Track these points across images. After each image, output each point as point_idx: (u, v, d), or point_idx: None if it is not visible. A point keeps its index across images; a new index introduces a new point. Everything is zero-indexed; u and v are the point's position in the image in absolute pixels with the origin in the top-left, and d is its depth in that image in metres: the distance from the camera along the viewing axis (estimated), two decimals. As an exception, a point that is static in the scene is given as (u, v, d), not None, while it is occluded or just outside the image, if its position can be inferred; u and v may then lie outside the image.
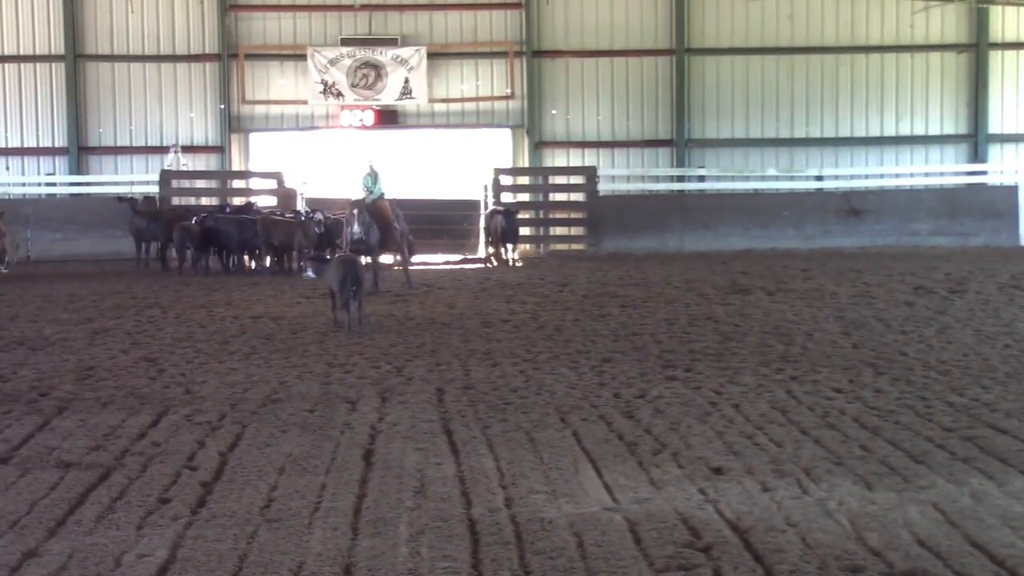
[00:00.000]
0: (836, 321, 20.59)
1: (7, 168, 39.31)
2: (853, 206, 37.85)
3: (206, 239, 30.61)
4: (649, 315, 21.70)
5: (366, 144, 40.01)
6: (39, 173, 39.26)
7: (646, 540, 8.93)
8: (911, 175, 40.15)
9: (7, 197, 38.40)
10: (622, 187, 39.48)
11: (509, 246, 34.05)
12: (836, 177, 39.73)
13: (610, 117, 39.95)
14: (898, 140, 40.29)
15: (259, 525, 9.37)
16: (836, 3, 40.03)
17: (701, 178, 39.77)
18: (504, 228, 33.69)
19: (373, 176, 29.14)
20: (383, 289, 25.64)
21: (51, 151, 39.33)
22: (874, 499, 9.94)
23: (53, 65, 39.13)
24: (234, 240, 30.65)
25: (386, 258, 28.54)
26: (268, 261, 30.48)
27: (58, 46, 39.04)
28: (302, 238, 29.88)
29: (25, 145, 39.30)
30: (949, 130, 40.33)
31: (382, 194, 28.45)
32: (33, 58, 39.16)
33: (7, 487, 10.46)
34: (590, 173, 37.73)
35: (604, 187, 38.25)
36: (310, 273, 21.62)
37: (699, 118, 40.00)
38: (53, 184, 39.19)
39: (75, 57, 38.99)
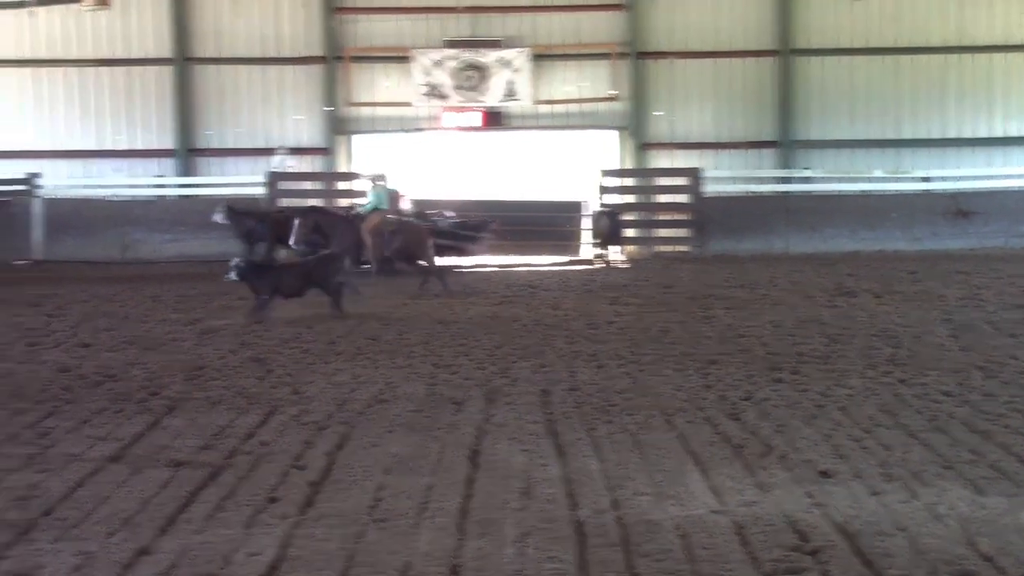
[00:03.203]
0: (944, 324, 20.37)
1: (116, 170, 39.78)
2: (961, 208, 37.41)
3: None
4: (755, 317, 21.60)
5: (470, 146, 40.20)
6: (148, 175, 39.70)
7: (753, 543, 8.90)
8: (1021, 176, 39.63)
9: (116, 199, 38.88)
10: (727, 188, 39.26)
11: (613, 247, 33.99)
12: (944, 178, 39.30)
13: (715, 118, 39.80)
14: (1007, 141, 39.81)
15: (366, 525, 9.42)
16: (943, 3, 39.64)
17: (807, 179, 39.49)
18: (608, 229, 33.66)
19: (383, 192, 29.36)
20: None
21: (160, 153, 39.77)
22: (984, 504, 9.83)
23: (162, 68, 39.57)
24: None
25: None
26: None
27: (167, 49, 39.47)
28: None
29: (134, 147, 39.78)
30: (1060, 130, 39.85)
31: (374, 207, 28.85)
32: (143, 61, 39.63)
33: (119, 485, 10.59)
34: (695, 174, 37.56)
35: (709, 188, 38.06)
36: (233, 276, 22.05)
37: (804, 119, 39.73)
38: (162, 186, 39.61)
39: (183, 60, 39.42)
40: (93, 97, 39.78)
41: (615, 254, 34.22)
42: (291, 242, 28.54)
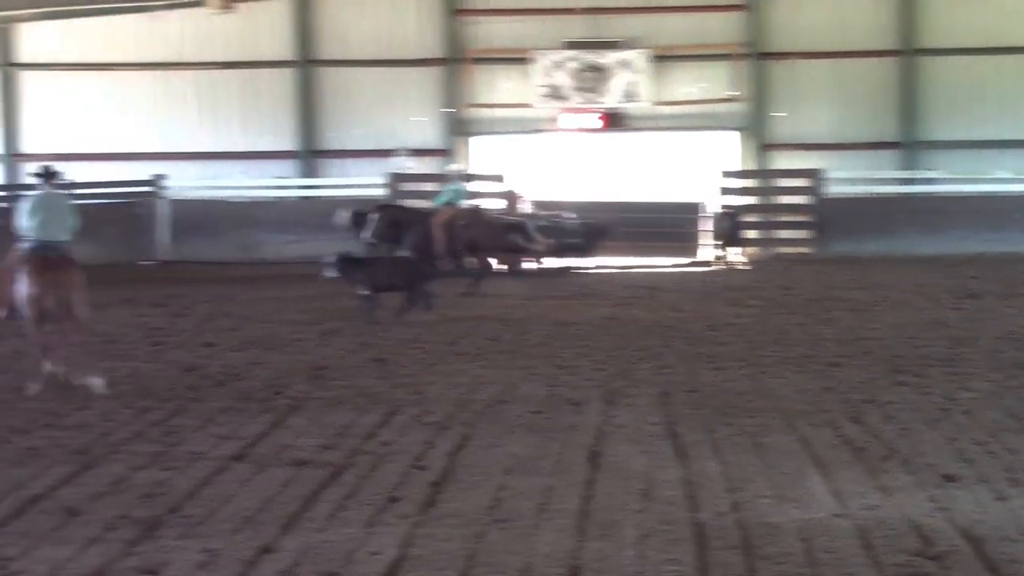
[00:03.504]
0: (1072, 327, 20.11)
1: (240, 171, 40.20)
2: (1089, 208, 36.79)
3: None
4: (877, 319, 21.42)
5: (590, 147, 40.16)
6: (270, 177, 40.08)
7: (876, 547, 8.82)
8: None
9: (239, 200, 39.29)
10: (849, 190, 38.92)
11: (733, 249, 33.87)
12: (1071, 179, 38.67)
13: (836, 119, 39.43)
14: None
15: (487, 525, 9.45)
16: (1073, 0, 39.04)
17: (930, 181, 39.05)
18: (728, 231, 33.55)
19: (460, 187, 29.29)
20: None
21: (282, 155, 40.13)
22: (1112, 510, 9.69)
23: (284, 70, 39.94)
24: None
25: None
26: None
27: (290, 52, 39.84)
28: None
29: (257, 149, 40.17)
30: None
31: (447, 201, 28.76)
32: (265, 64, 40.02)
33: (242, 484, 10.72)
34: (816, 175, 37.29)
35: (831, 189, 37.71)
36: (331, 272, 22.12)
37: (928, 120, 39.25)
38: (284, 187, 39.97)
39: (306, 62, 39.75)
40: (217, 99, 40.24)
41: (735, 256, 34.05)
42: (365, 236, 28.59)
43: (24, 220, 15.74)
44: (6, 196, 35.47)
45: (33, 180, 16.47)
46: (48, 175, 16.21)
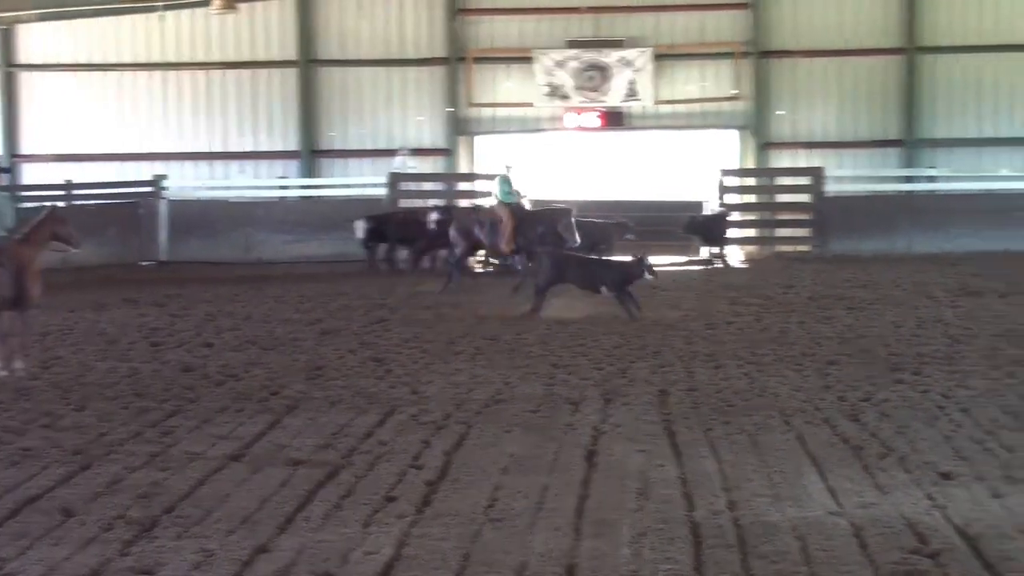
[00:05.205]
0: (1071, 324, 20.09)
1: (241, 171, 40.22)
2: (1090, 206, 36.70)
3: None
4: (876, 318, 21.40)
5: (591, 146, 40.16)
6: (272, 177, 40.07)
7: (872, 545, 8.82)
8: None
9: (240, 200, 39.27)
10: (849, 188, 38.87)
11: (718, 248, 33.83)
12: (1072, 177, 38.59)
13: (838, 117, 39.39)
14: None
15: (483, 524, 9.46)
16: (1075, -3, 38.96)
17: (931, 179, 39.00)
18: (709, 229, 33.58)
19: (507, 181, 29.19)
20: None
21: (283, 155, 40.12)
22: (1109, 507, 9.69)
23: (286, 70, 39.93)
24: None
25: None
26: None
27: (292, 52, 39.83)
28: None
29: (259, 149, 40.17)
30: None
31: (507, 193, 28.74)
32: (267, 64, 40.01)
33: (239, 484, 10.73)
34: (817, 174, 37.20)
35: (831, 188, 37.64)
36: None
37: (930, 118, 39.19)
38: (285, 187, 39.95)
39: (307, 62, 39.75)
40: (219, 99, 40.24)
41: (728, 254, 33.97)
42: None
43: None
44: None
45: None
46: None
